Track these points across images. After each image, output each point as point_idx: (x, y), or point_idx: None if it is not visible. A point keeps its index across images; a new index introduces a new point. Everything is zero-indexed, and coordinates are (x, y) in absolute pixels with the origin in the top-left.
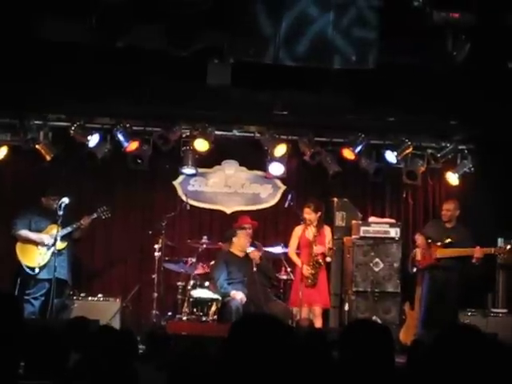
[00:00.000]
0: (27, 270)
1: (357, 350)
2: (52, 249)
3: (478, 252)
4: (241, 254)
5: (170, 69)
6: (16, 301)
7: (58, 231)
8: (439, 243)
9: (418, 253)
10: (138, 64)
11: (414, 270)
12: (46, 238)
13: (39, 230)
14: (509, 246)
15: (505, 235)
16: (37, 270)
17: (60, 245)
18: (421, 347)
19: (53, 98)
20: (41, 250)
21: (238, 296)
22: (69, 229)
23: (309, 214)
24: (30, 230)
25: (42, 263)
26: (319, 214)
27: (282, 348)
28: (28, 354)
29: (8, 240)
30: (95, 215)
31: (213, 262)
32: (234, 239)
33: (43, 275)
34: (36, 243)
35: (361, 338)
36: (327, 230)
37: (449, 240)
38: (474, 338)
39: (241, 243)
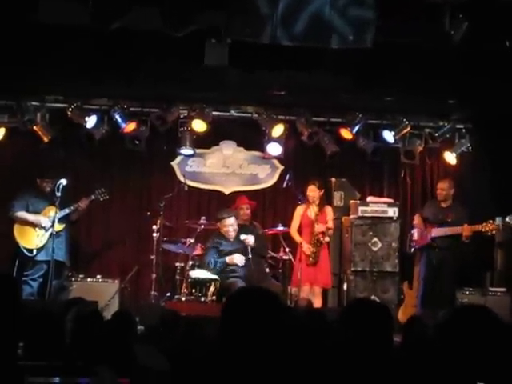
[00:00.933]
0: (25, 251)
1: (357, 329)
2: (50, 230)
3: (466, 230)
4: (231, 238)
5: (167, 49)
6: (14, 281)
7: (56, 213)
8: (435, 223)
9: (416, 233)
10: (135, 45)
11: (412, 250)
12: (43, 219)
13: (36, 212)
14: (497, 223)
15: (503, 214)
16: (34, 252)
17: (58, 226)
18: (416, 324)
19: (50, 80)
20: (38, 232)
21: (237, 259)
22: (66, 210)
23: (313, 192)
24: (28, 211)
25: (40, 245)
26: (322, 191)
27: (277, 321)
28: (27, 334)
29: (6, 221)
30: (93, 197)
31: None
32: (219, 226)
33: (41, 257)
34: (34, 225)
35: (361, 317)
36: (328, 209)
37: (447, 220)
38: (484, 317)
39: (224, 232)
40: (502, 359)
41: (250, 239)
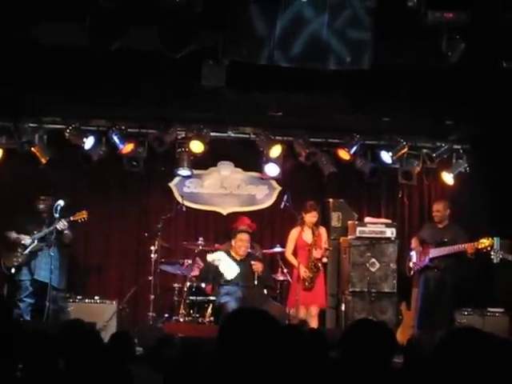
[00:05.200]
0: (4, 269)
1: (359, 348)
2: (29, 249)
3: (469, 247)
4: (238, 257)
5: (165, 70)
6: (5, 303)
7: (37, 232)
8: (433, 244)
9: (414, 256)
10: (133, 66)
11: (411, 272)
12: (23, 237)
13: (25, 232)
14: (491, 240)
15: (501, 234)
16: (13, 270)
17: (34, 246)
18: (415, 346)
19: (48, 101)
20: (19, 251)
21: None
22: (46, 231)
23: (315, 218)
24: (17, 232)
25: (16, 264)
26: (319, 216)
27: (273, 344)
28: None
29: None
30: (71, 218)
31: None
32: (233, 241)
33: (23, 276)
34: (15, 244)
35: (364, 336)
36: (323, 230)
37: (444, 240)
38: (476, 339)
39: (236, 246)
40: (500, 380)
41: (259, 266)
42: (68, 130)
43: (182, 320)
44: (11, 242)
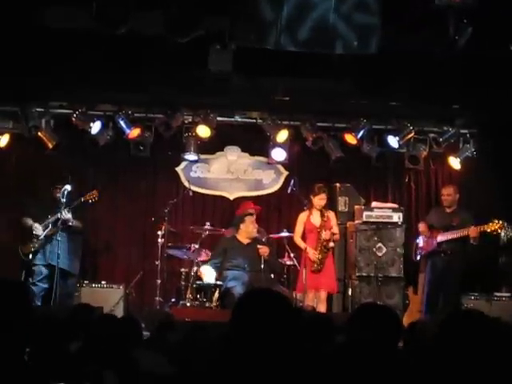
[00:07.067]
0: (22, 256)
1: (365, 332)
2: (43, 235)
3: (472, 231)
4: (246, 241)
5: (172, 55)
6: (25, 289)
7: (50, 217)
8: (441, 228)
9: (421, 240)
10: (140, 50)
11: (418, 257)
12: (37, 224)
13: (40, 218)
14: (501, 222)
15: (507, 218)
16: (30, 256)
17: (49, 230)
18: (418, 330)
19: (54, 85)
20: (34, 237)
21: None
22: (50, 220)
23: (323, 200)
24: (33, 218)
25: (33, 249)
26: (328, 198)
27: (287, 322)
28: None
29: (13, 226)
30: (82, 199)
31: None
32: (242, 225)
33: (38, 261)
34: (31, 230)
35: (371, 320)
36: (331, 214)
37: (452, 224)
38: (478, 323)
39: (248, 230)
40: (501, 365)
41: (265, 250)
42: (75, 115)
43: (188, 304)
44: (27, 229)
